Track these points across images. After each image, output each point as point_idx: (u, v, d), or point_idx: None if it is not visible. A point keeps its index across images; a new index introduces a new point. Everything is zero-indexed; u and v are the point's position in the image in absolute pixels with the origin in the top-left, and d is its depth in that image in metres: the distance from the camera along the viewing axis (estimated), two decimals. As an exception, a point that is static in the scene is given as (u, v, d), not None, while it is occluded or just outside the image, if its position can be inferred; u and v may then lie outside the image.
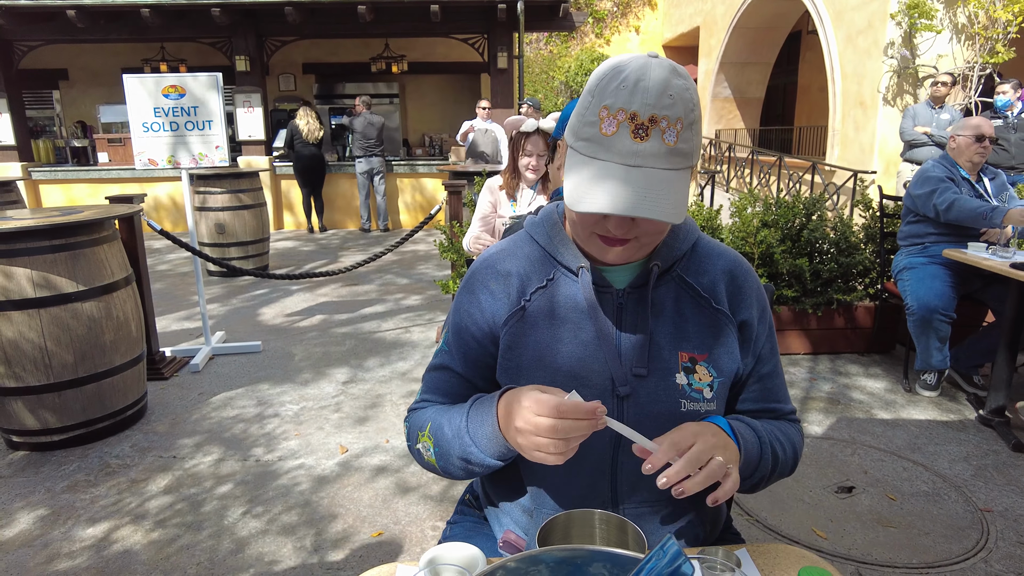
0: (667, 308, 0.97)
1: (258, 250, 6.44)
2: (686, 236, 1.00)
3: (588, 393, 0.93)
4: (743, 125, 11.76)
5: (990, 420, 2.99)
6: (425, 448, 1.00)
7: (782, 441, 1.01)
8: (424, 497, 2.48)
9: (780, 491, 2.49)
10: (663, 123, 0.80)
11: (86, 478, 2.64)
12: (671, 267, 0.99)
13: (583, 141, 0.84)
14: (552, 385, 0.94)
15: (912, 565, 2.06)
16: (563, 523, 0.67)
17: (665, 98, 0.80)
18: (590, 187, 0.82)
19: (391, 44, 10.71)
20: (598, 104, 0.82)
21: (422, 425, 1.02)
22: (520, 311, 0.98)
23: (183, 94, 3.76)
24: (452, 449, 0.95)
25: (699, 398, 0.95)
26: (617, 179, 0.81)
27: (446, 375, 1.06)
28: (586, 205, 0.81)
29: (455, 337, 1.04)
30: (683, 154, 0.83)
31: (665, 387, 0.94)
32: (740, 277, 1.01)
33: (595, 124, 0.82)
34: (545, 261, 1.00)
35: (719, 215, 3.96)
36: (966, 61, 6.75)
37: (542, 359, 0.96)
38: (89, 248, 2.83)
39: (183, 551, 2.18)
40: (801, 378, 3.61)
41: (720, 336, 0.97)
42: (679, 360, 0.95)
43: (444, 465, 0.99)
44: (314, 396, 3.44)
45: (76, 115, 11.25)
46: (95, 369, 2.85)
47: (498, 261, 1.03)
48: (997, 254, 2.98)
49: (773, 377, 1.05)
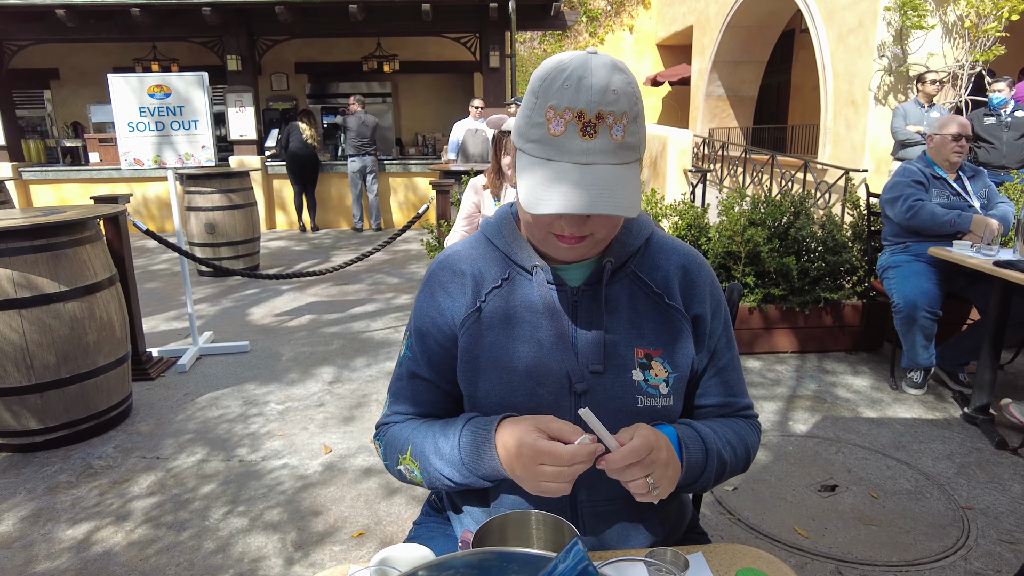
0: (622, 305, 0.97)
1: (249, 250, 6.42)
2: (639, 232, 1.01)
3: (545, 391, 0.94)
4: (736, 124, 11.78)
5: (975, 418, 2.99)
6: (408, 471, 1.00)
7: (733, 444, 1.01)
8: (407, 497, 2.47)
9: (763, 490, 2.49)
10: (609, 119, 0.80)
11: (68, 479, 2.63)
12: (625, 264, 0.99)
13: (532, 143, 0.84)
14: (509, 385, 0.94)
15: (892, 563, 2.07)
16: (499, 525, 0.67)
17: (609, 94, 0.80)
18: (545, 189, 0.82)
19: (383, 43, 10.70)
20: (543, 105, 0.82)
21: (401, 447, 1.01)
22: (476, 312, 0.98)
23: (168, 93, 3.75)
24: (445, 475, 0.96)
25: (655, 394, 0.95)
26: (570, 179, 0.81)
27: (415, 383, 1.05)
28: (543, 207, 0.81)
29: (419, 342, 1.03)
30: (631, 147, 0.83)
31: (621, 383, 0.94)
32: (693, 272, 1.01)
33: (542, 125, 0.82)
34: (500, 261, 1.01)
35: (706, 214, 3.96)
36: (956, 59, 6.76)
37: (499, 359, 0.96)
38: (71, 248, 2.82)
39: (164, 552, 2.17)
40: (788, 376, 3.61)
41: (674, 332, 0.98)
42: (635, 356, 0.95)
43: (432, 484, 1.00)
44: (300, 396, 3.43)
45: (67, 115, 11.21)
46: (78, 370, 2.84)
47: (454, 262, 1.03)
48: (981, 252, 2.98)
49: (730, 371, 1.05)
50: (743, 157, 9.28)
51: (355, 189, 8.77)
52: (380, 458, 1.06)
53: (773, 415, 3.12)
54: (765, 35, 10.89)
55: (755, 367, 3.74)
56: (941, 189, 3.34)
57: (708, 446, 0.95)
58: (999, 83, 5.64)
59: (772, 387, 3.46)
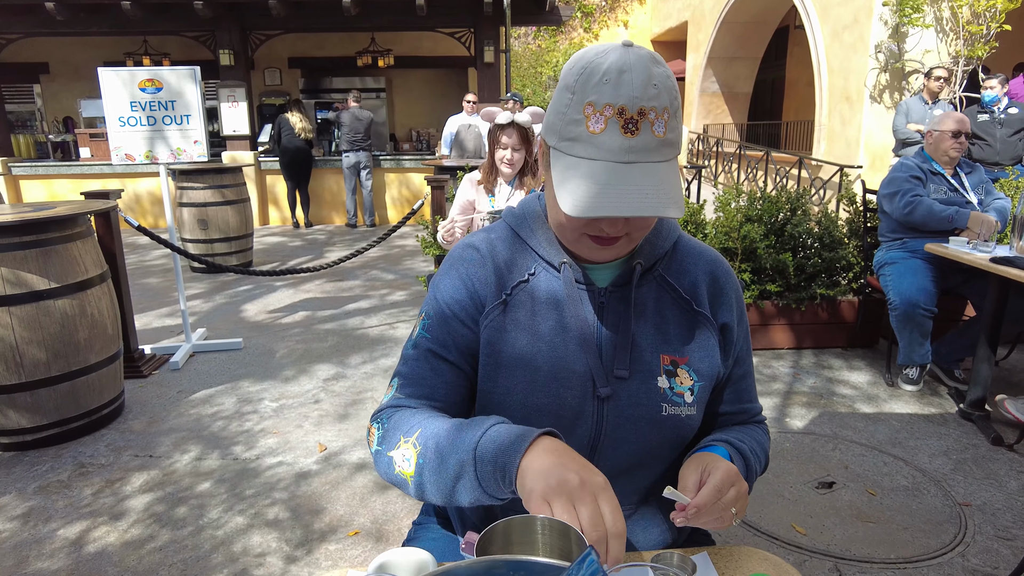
0: (648, 309, 0.94)
1: (242, 246, 6.38)
2: (668, 234, 0.97)
3: (568, 394, 0.91)
4: (731, 120, 11.78)
5: (970, 414, 3.00)
6: (403, 457, 0.85)
7: (758, 454, 1.00)
8: (403, 496, 2.45)
9: (760, 487, 2.48)
10: (651, 115, 0.77)
11: (60, 478, 2.60)
12: (653, 266, 0.95)
13: (568, 141, 0.80)
14: (532, 385, 0.90)
15: (890, 561, 2.06)
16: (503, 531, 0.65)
17: (651, 88, 0.76)
18: (588, 191, 0.77)
19: (377, 38, 10.63)
20: (581, 101, 0.78)
21: (407, 429, 0.87)
22: (501, 305, 0.94)
23: (160, 88, 3.70)
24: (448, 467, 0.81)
25: (680, 402, 0.92)
26: (614, 179, 0.77)
27: (433, 363, 0.94)
28: (588, 212, 0.77)
29: (439, 322, 0.95)
30: (671, 144, 0.80)
31: (647, 390, 0.91)
32: (721, 279, 0.98)
33: (580, 122, 0.78)
34: (526, 255, 0.96)
35: (703, 210, 3.95)
36: (951, 56, 6.77)
37: (522, 358, 0.92)
38: (61, 245, 2.78)
39: (159, 551, 2.14)
40: (784, 373, 3.61)
41: (701, 339, 0.95)
42: (661, 363, 0.92)
43: (419, 481, 0.84)
44: (294, 393, 3.40)
45: (57, 110, 11.11)
46: (69, 368, 2.80)
47: (480, 247, 0.98)
48: (978, 248, 2.98)
49: (747, 378, 1.04)
50: (738, 153, 9.28)
51: (350, 184, 8.72)
52: (373, 444, 0.92)
53: (770, 412, 3.11)
54: (760, 31, 10.89)
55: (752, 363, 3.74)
56: (939, 185, 3.34)
57: (748, 461, 0.95)
58: (991, 80, 5.64)
59: (769, 383, 3.46)
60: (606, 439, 0.92)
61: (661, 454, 0.96)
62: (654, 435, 0.92)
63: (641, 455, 0.94)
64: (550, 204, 0.91)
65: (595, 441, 0.93)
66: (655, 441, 0.93)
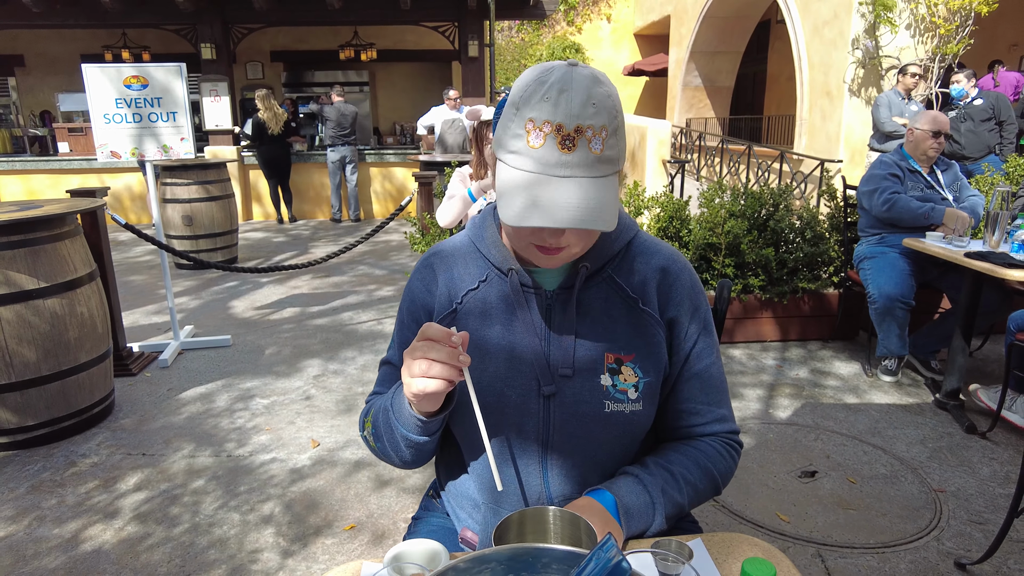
0: (595, 309, 0.99)
1: (227, 242, 6.35)
2: (619, 236, 1.01)
3: (513, 392, 0.97)
4: (713, 114, 11.88)
5: (946, 403, 3.10)
6: (369, 433, 1.04)
7: (693, 483, 0.99)
8: (398, 490, 2.49)
9: (745, 477, 2.56)
10: (588, 132, 0.80)
11: (52, 478, 2.60)
12: (602, 268, 1.00)
13: (511, 154, 0.84)
14: (480, 385, 0.96)
15: (869, 545, 2.14)
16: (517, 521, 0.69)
17: (589, 107, 0.80)
18: (523, 201, 0.82)
19: (360, 32, 10.58)
20: (523, 116, 0.82)
21: (367, 411, 1.07)
22: (452, 314, 1.02)
23: (146, 84, 3.68)
24: (383, 428, 0.99)
25: (623, 399, 0.97)
26: (548, 191, 0.81)
27: (394, 372, 1.10)
28: (521, 221, 0.81)
29: (400, 329, 1.10)
30: (609, 161, 0.83)
31: (590, 388, 0.96)
32: (673, 274, 1.02)
33: (521, 137, 0.82)
34: (480, 262, 1.03)
35: (687, 205, 4.02)
36: (927, 52, 6.89)
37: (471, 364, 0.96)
38: (50, 244, 2.78)
39: (155, 548, 2.17)
40: (768, 365, 3.69)
41: (647, 337, 0.99)
42: (604, 361, 0.97)
43: (381, 447, 1.02)
44: (285, 390, 3.42)
45: (34, 103, 10.92)
46: (59, 367, 2.80)
47: (447, 255, 1.07)
48: (953, 244, 3.07)
49: (706, 379, 1.03)
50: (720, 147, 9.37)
51: (335, 180, 8.69)
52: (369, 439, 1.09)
53: (754, 403, 3.19)
54: (742, 25, 10.98)
55: (736, 355, 3.82)
56: (916, 182, 3.43)
57: (654, 499, 0.95)
58: (959, 75, 5.71)
59: (753, 375, 3.54)
60: (555, 435, 0.98)
61: (612, 450, 1.00)
62: (600, 431, 0.97)
63: (591, 451, 0.99)
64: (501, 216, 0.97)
65: (545, 437, 0.98)
66: (603, 437, 0.98)
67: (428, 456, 1.02)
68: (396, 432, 0.96)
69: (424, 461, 1.03)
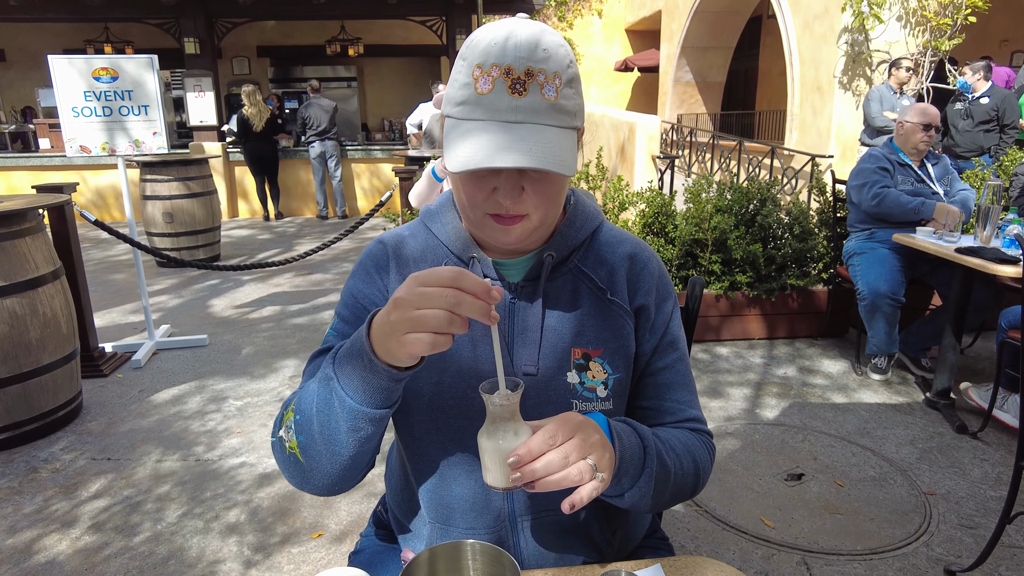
0: (563, 302, 0.91)
1: (209, 239, 6.23)
2: (584, 224, 0.94)
3: (475, 393, 0.86)
4: (704, 110, 11.80)
5: (936, 403, 3.03)
6: (287, 429, 0.82)
7: (678, 452, 0.88)
8: (368, 496, 2.40)
9: (730, 480, 2.48)
10: (540, 77, 0.75)
11: (10, 484, 2.50)
12: (568, 257, 0.93)
13: (459, 106, 0.78)
14: (439, 387, 0.88)
15: (856, 552, 2.07)
16: (426, 562, 0.60)
17: (539, 51, 0.75)
18: (473, 147, 0.75)
19: (347, 26, 10.45)
20: (470, 65, 0.76)
21: (287, 403, 0.85)
22: None
23: (116, 77, 3.57)
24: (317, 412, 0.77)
25: (592, 397, 0.89)
26: (499, 138, 0.74)
27: None
28: (469, 163, 0.74)
29: (354, 318, 0.92)
30: (566, 111, 0.78)
31: (556, 386, 0.88)
32: (641, 261, 0.95)
33: (470, 85, 0.76)
34: (436, 250, 0.94)
35: (673, 200, 3.93)
36: (918, 47, 6.83)
37: (428, 359, 0.84)
38: (8, 241, 2.67)
39: (112, 558, 2.07)
40: (755, 364, 3.61)
41: (616, 330, 0.91)
42: (572, 357, 0.89)
43: (306, 443, 0.79)
44: (260, 391, 3.33)
45: (15, 99, 10.76)
46: (20, 369, 2.70)
47: (388, 241, 0.96)
48: (943, 239, 3.00)
49: (673, 374, 0.96)
50: (711, 143, 9.30)
51: (318, 176, 8.57)
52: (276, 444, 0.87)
53: (740, 402, 3.11)
54: (733, 21, 10.90)
55: (722, 353, 3.74)
56: (906, 176, 3.36)
57: (645, 443, 0.83)
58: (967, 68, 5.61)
59: (739, 374, 3.46)
60: None
61: None
62: None
63: None
64: (455, 188, 0.87)
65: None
66: None
67: (368, 456, 0.84)
68: (342, 411, 0.75)
69: (361, 467, 0.83)
